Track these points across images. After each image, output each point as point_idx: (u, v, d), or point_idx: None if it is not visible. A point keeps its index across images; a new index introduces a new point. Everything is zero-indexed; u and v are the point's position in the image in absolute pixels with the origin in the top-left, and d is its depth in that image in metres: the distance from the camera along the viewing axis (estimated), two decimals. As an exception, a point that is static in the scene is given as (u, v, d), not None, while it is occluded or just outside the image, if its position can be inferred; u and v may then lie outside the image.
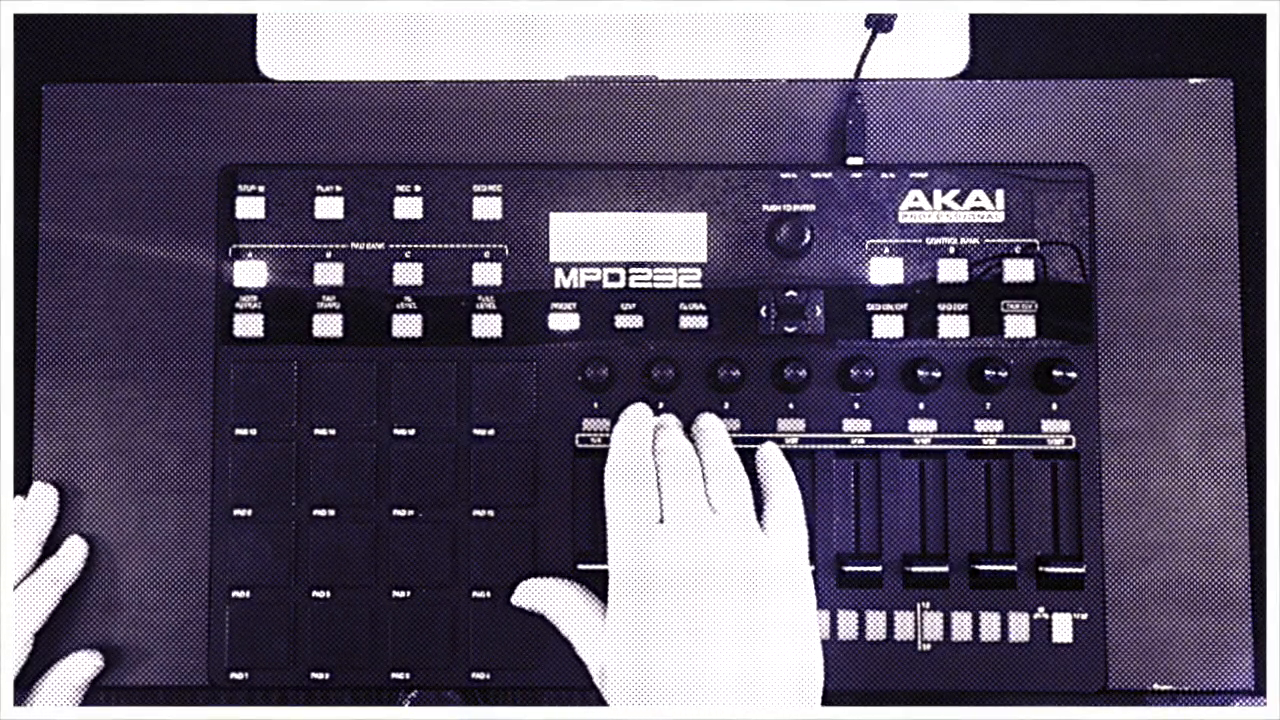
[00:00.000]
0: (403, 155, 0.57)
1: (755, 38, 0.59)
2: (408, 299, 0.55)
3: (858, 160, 0.56)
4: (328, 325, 0.55)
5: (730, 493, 0.48)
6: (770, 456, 0.52)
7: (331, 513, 0.54)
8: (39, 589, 0.53)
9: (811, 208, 0.55)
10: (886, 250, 0.55)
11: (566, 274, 0.55)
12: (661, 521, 0.47)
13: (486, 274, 0.55)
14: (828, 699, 0.53)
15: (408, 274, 0.55)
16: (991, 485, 0.54)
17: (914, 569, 0.53)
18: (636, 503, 0.48)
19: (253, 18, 0.59)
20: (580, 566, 0.53)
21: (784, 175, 0.55)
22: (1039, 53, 0.59)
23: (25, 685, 0.53)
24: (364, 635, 0.54)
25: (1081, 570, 0.53)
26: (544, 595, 0.52)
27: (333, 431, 0.55)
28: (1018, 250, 0.55)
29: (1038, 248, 0.55)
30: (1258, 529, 0.54)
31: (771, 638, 0.45)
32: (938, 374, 0.54)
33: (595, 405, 0.55)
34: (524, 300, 0.55)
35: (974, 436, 0.54)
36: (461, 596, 0.54)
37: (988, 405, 0.54)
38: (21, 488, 0.55)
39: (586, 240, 0.55)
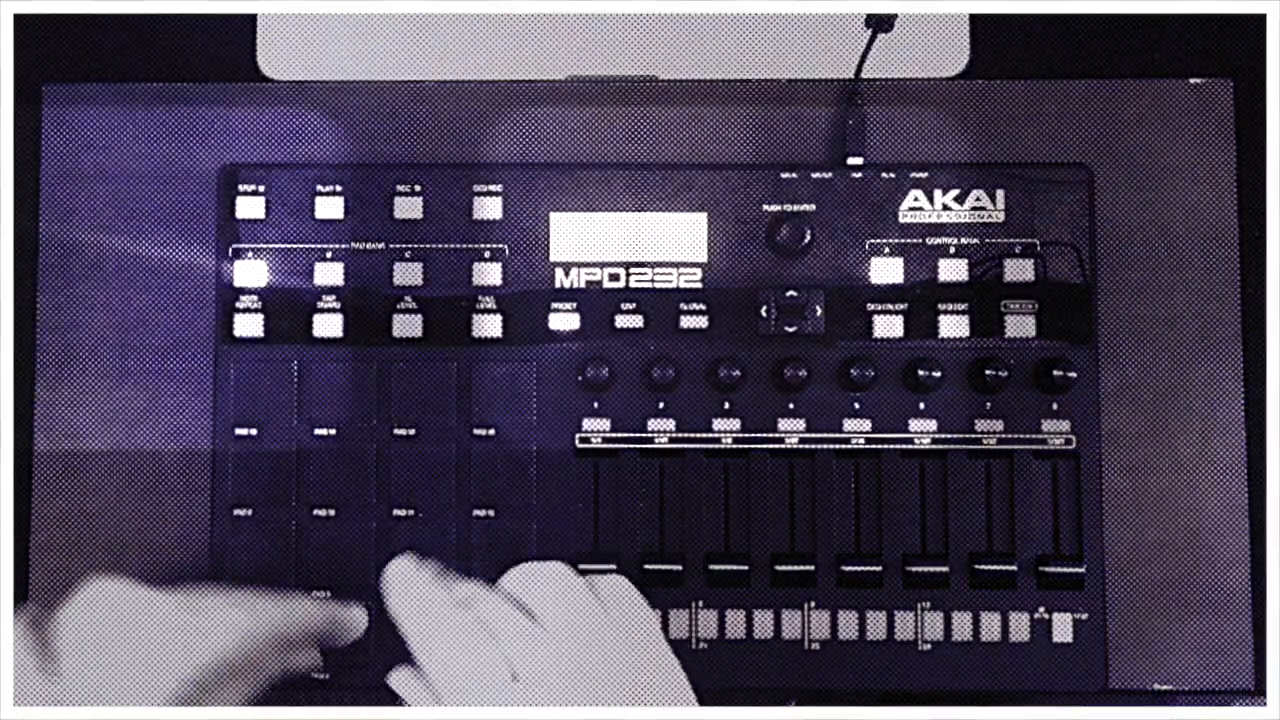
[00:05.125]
0: (403, 155, 0.56)
1: (755, 38, 0.59)
2: (408, 299, 0.55)
3: (858, 160, 0.56)
4: (328, 325, 0.55)
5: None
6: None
7: (331, 513, 0.54)
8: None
9: (811, 208, 0.55)
10: (887, 250, 0.55)
11: (567, 274, 0.55)
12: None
13: (486, 274, 0.55)
14: (829, 698, 0.53)
15: (408, 274, 0.55)
16: (991, 485, 0.54)
17: (914, 569, 0.53)
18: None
19: (253, 18, 0.59)
20: (581, 566, 0.53)
21: (784, 175, 0.55)
22: (1039, 53, 0.59)
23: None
24: (364, 635, 0.54)
25: (1081, 570, 0.53)
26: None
27: (333, 431, 0.55)
28: (1018, 250, 0.55)
29: (1038, 248, 0.55)
30: (1258, 529, 0.54)
31: None
32: (938, 374, 0.54)
33: (595, 405, 0.55)
34: (524, 300, 0.55)
35: (974, 436, 0.54)
36: (461, 596, 0.54)
37: (988, 405, 0.54)
38: (22, 489, 0.55)
39: (586, 240, 0.55)
